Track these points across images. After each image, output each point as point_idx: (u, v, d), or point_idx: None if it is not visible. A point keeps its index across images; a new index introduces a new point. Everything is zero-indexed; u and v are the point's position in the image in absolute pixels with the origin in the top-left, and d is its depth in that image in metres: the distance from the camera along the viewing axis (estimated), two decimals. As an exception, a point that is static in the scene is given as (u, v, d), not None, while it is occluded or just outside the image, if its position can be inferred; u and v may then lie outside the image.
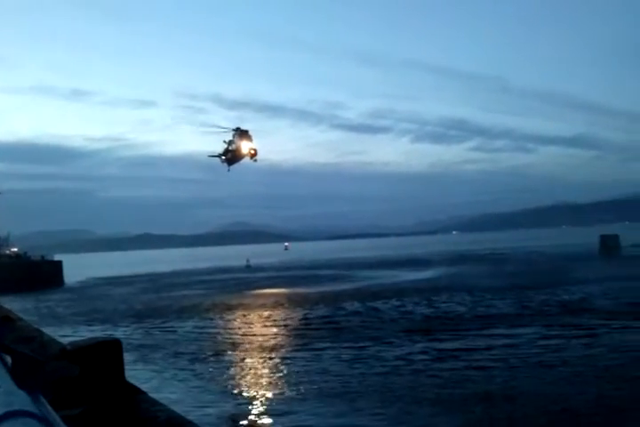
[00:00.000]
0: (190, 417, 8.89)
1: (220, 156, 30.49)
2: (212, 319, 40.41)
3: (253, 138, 29.26)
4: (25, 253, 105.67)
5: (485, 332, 29.67)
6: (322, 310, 41.59)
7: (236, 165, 30.45)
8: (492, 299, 42.25)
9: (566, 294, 42.70)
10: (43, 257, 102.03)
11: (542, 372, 21.12)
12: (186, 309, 47.15)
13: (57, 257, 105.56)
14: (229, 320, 39.49)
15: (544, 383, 19.56)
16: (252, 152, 28.99)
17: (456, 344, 26.80)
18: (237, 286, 71.21)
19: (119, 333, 33.72)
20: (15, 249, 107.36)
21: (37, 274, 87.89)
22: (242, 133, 28.99)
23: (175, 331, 35.82)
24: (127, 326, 38.41)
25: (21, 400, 1.97)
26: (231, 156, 29.74)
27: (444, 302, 42.51)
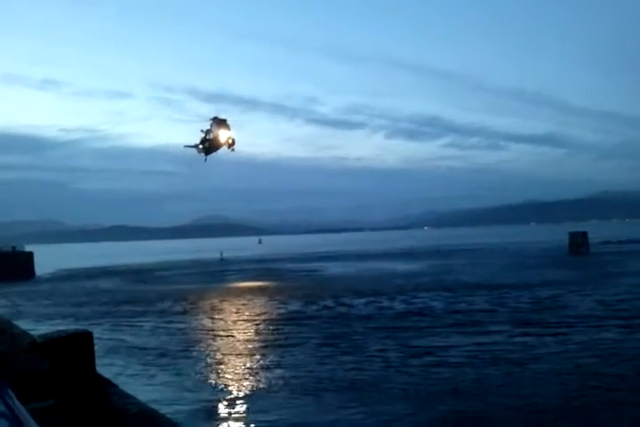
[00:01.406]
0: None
1: (196, 146, 30.13)
2: (180, 314, 40.00)
3: (231, 128, 28.92)
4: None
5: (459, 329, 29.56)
6: (293, 305, 41.49)
7: (212, 157, 30.16)
8: (467, 295, 42.31)
9: (539, 291, 42.94)
10: (14, 248, 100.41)
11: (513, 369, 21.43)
12: (152, 302, 46.86)
13: (28, 248, 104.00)
14: (198, 317, 38.94)
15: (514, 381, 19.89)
16: (230, 141, 28.64)
17: (426, 342, 26.81)
18: (210, 278, 70.98)
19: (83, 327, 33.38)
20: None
21: (7, 265, 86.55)
22: (220, 122, 28.61)
23: (141, 326, 35.44)
24: (91, 321, 37.90)
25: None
26: (209, 145, 29.35)
27: (417, 298, 42.49)
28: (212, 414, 17.45)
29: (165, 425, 6.48)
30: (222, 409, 17.90)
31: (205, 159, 30.28)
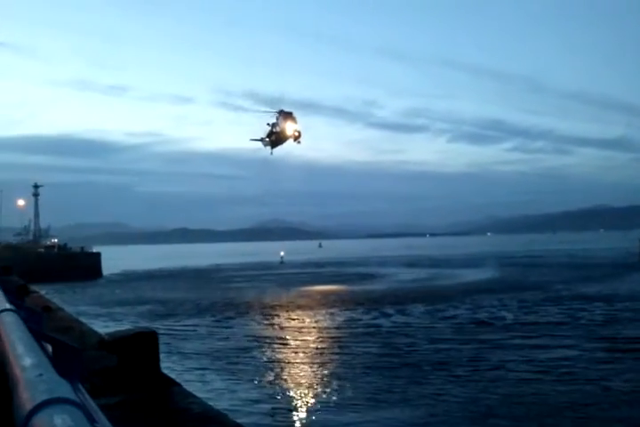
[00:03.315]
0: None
1: (262, 139, 30.21)
2: (249, 319, 39.87)
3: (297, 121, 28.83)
4: (65, 244, 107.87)
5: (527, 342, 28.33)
6: (352, 312, 40.89)
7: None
8: (539, 306, 40.61)
9: (611, 303, 40.70)
10: (82, 249, 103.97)
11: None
12: (223, 306, 47.08)
13: (95, 249, 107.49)
14: (260, 320, 38.85)
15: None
16: (297, 134, 28.65)
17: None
18: (269, 282, 71.52)
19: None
20: (55, 240, 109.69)
21: (77, 265, 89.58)
22: (286, 115, 28.65)
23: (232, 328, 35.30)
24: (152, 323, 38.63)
25: (63, 388, 2.01)
26: (275, 138, 29.40)
27: (484, 307, 41.03)
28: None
29: (227, 425, 6.50)
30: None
31: (271, 152, 30.35)
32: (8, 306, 5.24)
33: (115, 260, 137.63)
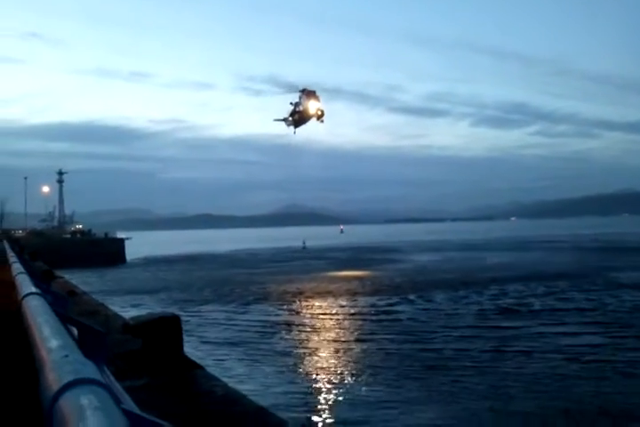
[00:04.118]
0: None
1: (285, 119, 30.05)
2: (270, 304, 39.91)
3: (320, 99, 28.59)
4: (89, 230, 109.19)
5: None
6: (378, 299, 40.91)
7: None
8: (565, 291, 40.14)
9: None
10: (106, 234, 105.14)
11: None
12: (245, 292, 47.26)
13: (119, 235, 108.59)
14: (281, 306, 38.85)
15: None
16: (320, 113, 28.46)
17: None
18: (291, 267, 71.77)
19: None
20: (80, 226, 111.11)
21: (101, 251, 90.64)
22: (309, 93, 28.44)
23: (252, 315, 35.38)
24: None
25: (89, 369, 2.04)
26: (298, 117, 29.21)
27: (508, 293, 40.63)
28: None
29: (250, 407, 6.56)
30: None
31: (294, 132, 30.19)
32: (34, 290, 5.33)
33: (138, 246, 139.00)
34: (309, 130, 30.45)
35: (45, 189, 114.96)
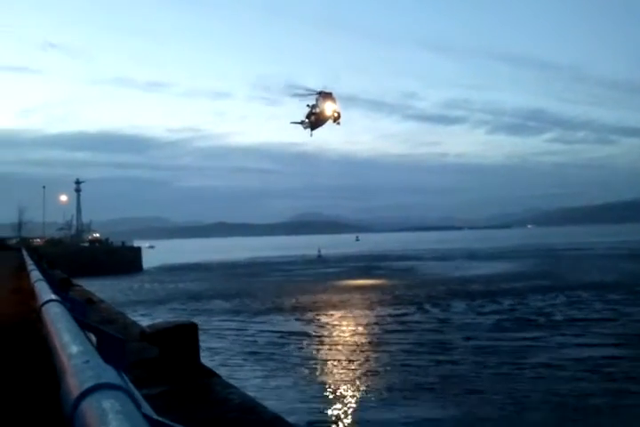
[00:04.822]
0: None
1: (302, 121, 30.16)
2: (285, 314, 39.83)
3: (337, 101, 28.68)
4: (107, 238, 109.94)
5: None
6: (392, 308, 40.73)
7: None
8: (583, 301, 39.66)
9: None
10: (123, 243, 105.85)
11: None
12: (260, 301, 47.19)
13: (138, 243, 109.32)
14: (294, 316, 38.59)
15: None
16: (336, 115, 28.56)
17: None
18: (306, 276, 71.65)
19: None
20: (97, 235, 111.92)
21: (118, 259, 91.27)
22: (326, 95, 28.54)
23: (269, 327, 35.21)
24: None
25: (110, 374, 2.06)
26: (315, 119, 29.29)
27: (525, 304, 40.37)
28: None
29: (266, 415, 6.56)
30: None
31: (311, 134, 30.25)
32: (54, 297, 5.39)
33: (154, 253, 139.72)
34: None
35: (63, 197, 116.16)
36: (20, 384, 5.25)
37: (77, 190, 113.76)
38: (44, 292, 6.08)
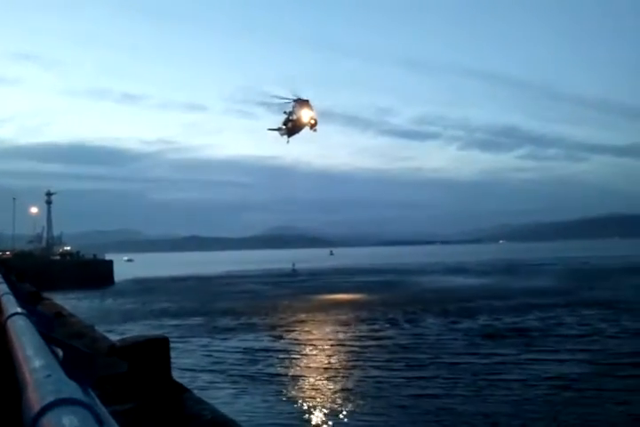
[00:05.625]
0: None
1: (279, 128, 30.35)
2: (257, 330, 39.80)
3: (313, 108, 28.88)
4: (78, 251, 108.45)
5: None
6: (367, 324, 40.72)
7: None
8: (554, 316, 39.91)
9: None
10: (95, 256, 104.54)
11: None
12: (231, 316, 46.95)
13: (107, 257, 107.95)
14: (267, 332, 38.19)
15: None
16: (313, 122, 28.82)
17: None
18: (280, 290, 71.37)
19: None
20: (68, 248, 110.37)
21: (89, 273, 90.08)
22: (302, 102, 28.82)
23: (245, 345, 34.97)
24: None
25: (71, 389, 1.97)
26: (292, 125, 29.53)
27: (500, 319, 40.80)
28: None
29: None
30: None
31: (288, 141, 30.41)
32: (19, 310, 5.23)
33: (128, 267, 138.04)
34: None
35: (34, 209, 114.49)
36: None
37: (48, 202, 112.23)
38: (10, 305, 5.90)
